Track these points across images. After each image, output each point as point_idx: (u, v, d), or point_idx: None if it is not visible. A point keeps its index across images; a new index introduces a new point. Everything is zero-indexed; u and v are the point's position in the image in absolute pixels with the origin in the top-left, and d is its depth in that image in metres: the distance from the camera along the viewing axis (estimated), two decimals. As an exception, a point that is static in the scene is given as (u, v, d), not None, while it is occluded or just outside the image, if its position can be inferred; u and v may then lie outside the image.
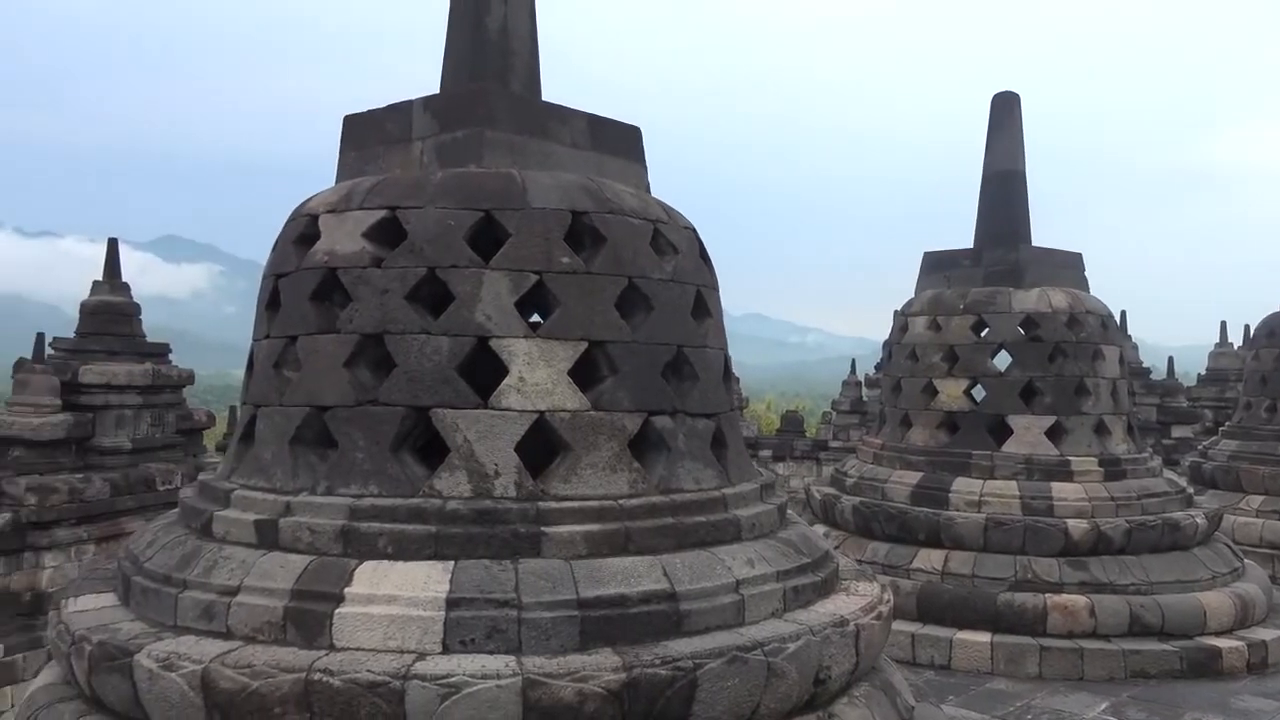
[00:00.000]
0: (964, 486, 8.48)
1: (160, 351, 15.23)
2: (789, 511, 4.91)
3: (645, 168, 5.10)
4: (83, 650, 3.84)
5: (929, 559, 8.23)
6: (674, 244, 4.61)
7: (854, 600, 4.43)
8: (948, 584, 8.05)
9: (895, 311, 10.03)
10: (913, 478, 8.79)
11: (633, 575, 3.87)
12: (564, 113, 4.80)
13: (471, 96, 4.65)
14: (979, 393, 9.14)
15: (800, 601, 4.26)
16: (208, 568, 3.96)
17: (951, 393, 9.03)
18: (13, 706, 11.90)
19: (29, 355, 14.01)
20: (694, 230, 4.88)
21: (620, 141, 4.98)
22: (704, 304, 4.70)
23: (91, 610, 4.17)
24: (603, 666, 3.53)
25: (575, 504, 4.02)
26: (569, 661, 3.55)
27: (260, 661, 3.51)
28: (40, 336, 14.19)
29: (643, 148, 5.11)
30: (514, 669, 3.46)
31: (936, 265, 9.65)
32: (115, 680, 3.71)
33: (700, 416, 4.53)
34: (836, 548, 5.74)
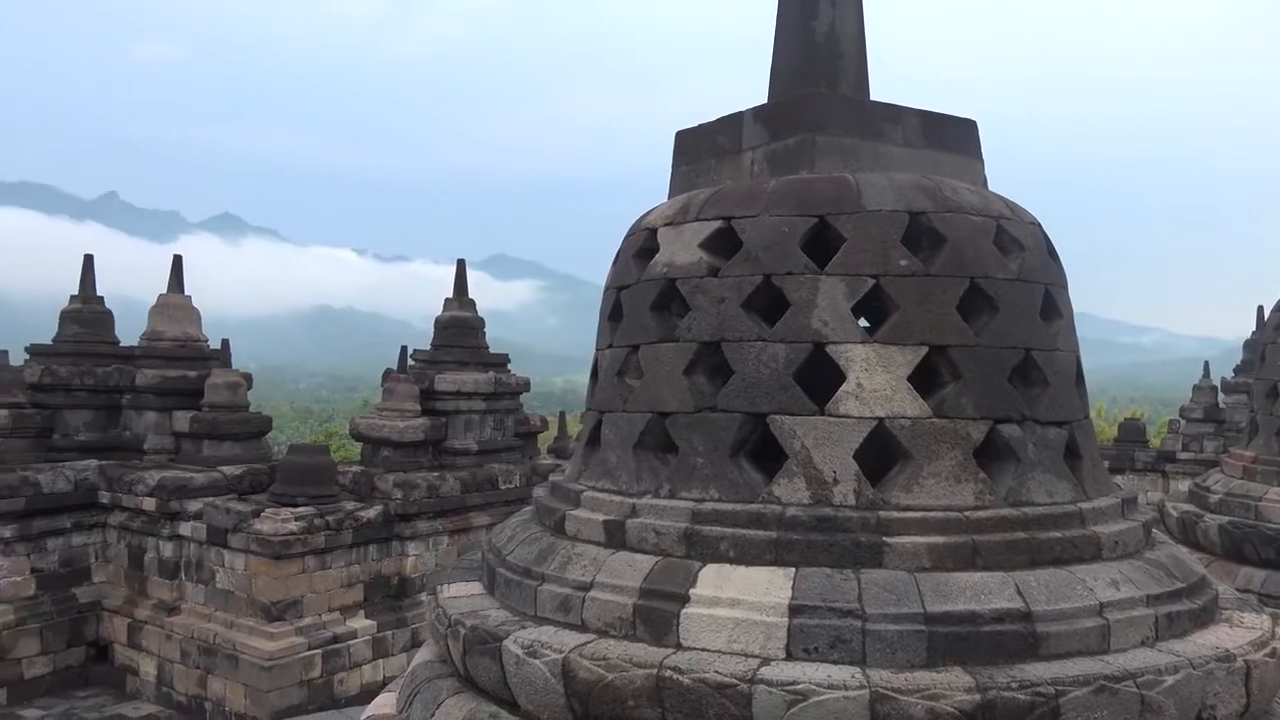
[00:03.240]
0: (1365, 507, 7.31)
1: (501, 361, 16.60)
2: (1155, 530, 4.46)
3: (982, 162, 4.85)
4: (458, 633, 4.23)
5: (1321, 590, 7.17)
6: (1019, 240, 4.34)
7: (1239, 633, 3.93)
8: (1347, 620, 6.95)
9: (1260, 307, 8.85)
10: (1296, 496, 7.70)
11: (983, 591, 3.67)
12: (895, 111, 4.67)
13: (801, 103, 4.65)
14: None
15: (1174, 630, 3.85)
16: (563, 563, 4.23)
17: (1345, 399, 7.83)
18: (384, 680, 13.42)
19: (391, 366, 15.80)
20: (1039, 225, 4.57)
21: (955, 137, 4.78)
22: (1053, 303, 4.39)
23: (463, 597, 4.59)
24: (954, 686, 3.37)
25: (917, 514, 3.88)
26: (917, 678, 3.43)
27: (614, 655, 3.69)
28: (404, 349, 15.92)
29: (979, 141, 4.87)
30: (860, 681, 3.40)
31: (1322, 252, 8.41)
32: (486, 662, 4.05)
33: (1051, 425, 4.22)
34: (1209, 572, 5.12)
